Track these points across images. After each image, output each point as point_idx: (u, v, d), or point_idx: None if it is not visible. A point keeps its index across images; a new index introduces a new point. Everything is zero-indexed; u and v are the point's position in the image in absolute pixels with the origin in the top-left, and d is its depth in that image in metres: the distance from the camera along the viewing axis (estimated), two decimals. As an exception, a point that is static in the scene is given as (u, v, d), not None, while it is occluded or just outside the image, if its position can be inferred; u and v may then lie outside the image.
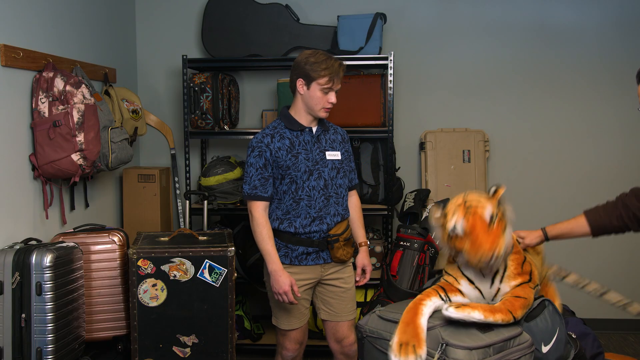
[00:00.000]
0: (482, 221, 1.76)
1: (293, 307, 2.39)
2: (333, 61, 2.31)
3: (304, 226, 2.36)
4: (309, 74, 2.30)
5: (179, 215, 3.76)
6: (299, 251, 2.38)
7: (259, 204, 2.34)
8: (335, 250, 2.39)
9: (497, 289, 1.90)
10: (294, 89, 2.37)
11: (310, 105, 2.34)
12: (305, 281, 2.41)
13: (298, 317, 2.44)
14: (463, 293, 1.91)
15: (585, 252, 3.75)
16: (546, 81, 3.71)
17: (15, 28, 2.41)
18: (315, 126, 2.42)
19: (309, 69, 2.29)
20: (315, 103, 2.33)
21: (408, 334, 1.73)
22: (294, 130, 2.37)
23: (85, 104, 2.52)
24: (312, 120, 2.40)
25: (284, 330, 2.44)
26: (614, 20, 3.65)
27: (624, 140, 3.72)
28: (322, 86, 2.30)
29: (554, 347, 1.85)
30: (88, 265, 2.50)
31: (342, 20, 3.47)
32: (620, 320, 3.79)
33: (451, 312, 1.72)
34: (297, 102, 2.39)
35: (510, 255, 1.90)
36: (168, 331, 2.42)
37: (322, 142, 2.42)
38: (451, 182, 3.60)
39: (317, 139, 2.40)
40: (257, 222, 2.33)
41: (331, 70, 2.29)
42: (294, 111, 2.40)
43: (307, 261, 2.39)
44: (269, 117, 3.66)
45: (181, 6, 3.78)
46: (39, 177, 2.54)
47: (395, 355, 1.71)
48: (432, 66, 3.73)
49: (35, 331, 2.16)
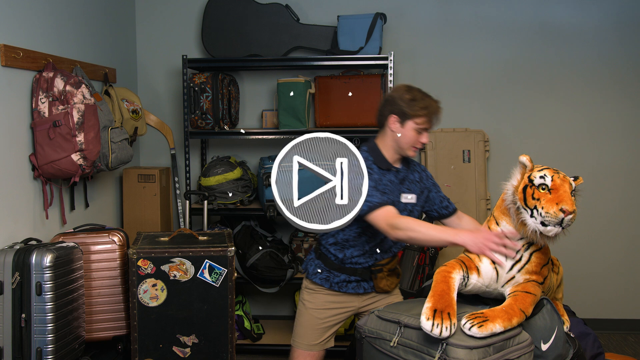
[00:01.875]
0: (569, 185, 1.82)
1: (319, 327, 2.32)
2: (431, 100, 2.20)
3: (353, 257, 2.28)
4: (406, 111, 2.17)
5: (179, 215, 3.76)
6: (340, 278, 2.30)
7: (390, 208, 2.12)
8: (379, 281, 2.30)
9: (512, 276, 1.91)
10: (384, 123, 2.25)
11: (401, 144, 2.22)
12: (343, 309, 2.33)
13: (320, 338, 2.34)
14: (480, 271, 1.90)
15: (585, 251, 3.75)
16: (546, 81, 3.71)
17: (15, 28, 2.41)
18: (399, 165, 2.30)
19: (405, 106, 2.17)
20: (406, 142, 2.21)
21: (443, 303, 1.73)
22: (381, 168, 2.24)
23: (85, 104, 2.52)
24: (397, 159, 2.29)
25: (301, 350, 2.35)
26: (614, 20, 3.65)
27: (624, 140, 3.72)
28: (418, 125, 2.18)
29: (553, 345, 1.85)
30: (88, 265, 2.50)
31: (342, 20, 3.47)
32: (620, 321, 3.80)
33: (475, 332, 1.71)
34: (385, 138, 2.26)
35: (536, 252, 1.91)
36: (168, 331, 2.42)
37: (404, 184, 2.30)
38: (451, 182, 3.60)
39: (400, 180, 2.29)
40: (406, 223, 2.05)
41: (430, 110, 2.18)
42: (381, 146, 2.27)
43: (347, 288, 2.30)
44: (269, 117, 3.67)
45: (181, 6, 3.78)
46: (39, 177, 2.54)
47: (428, 318, 1.69)
48: (432, 66, 3.73)
49: (35, 331, 2.16)
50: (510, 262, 1.91)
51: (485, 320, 1.74)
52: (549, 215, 1.76)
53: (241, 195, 3.40)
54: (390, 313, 1.94)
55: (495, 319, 1.74)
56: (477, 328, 1.71)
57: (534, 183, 1.82)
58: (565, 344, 1.93)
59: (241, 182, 3.42)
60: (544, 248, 1.94)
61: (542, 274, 1.93)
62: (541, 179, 1.81)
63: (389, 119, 2.22)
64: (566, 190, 1.79)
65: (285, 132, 3.37)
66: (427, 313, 1.71)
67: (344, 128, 3.45)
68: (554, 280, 2.13)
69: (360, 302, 2.35)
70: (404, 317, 1.87)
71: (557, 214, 1.75)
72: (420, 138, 2.22)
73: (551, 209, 1.76)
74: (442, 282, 1.81)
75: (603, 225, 3.74)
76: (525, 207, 1.82)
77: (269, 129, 3.57)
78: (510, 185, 1.90)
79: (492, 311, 1.79)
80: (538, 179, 1.81)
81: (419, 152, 3.72)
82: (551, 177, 1.81)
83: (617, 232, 3.76)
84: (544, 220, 1.78)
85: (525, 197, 1.82)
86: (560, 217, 1.75)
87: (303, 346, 2.35)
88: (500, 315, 1.77)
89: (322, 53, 3.60)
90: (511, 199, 1.88)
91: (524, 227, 1.85)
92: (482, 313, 1.77)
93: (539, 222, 1.79)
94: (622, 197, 3.74)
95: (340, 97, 3.47)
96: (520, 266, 1.91)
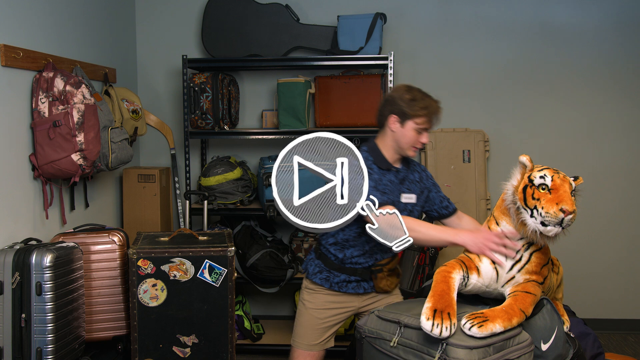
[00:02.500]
0: (569, 185, 1.83)
1: (319, 327, 2.32)
2: (431, 100, 2.21)
3: (353, 257, 2.28)
4: (406, 111, 2.17)
5: (179, 215, 3.76)
6: (340, 278, 2.30)
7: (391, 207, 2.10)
8: (379, 281, 2.30)
9: (512, 276, 1.91)
10: (384, 123, 2.25)
11: (401, 144, 2.23)
12: (343, 309, 2.33)
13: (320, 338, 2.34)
14: (480, 271, 1.90)
15: (585, 252, 3.75)
16: (546, 81, 3.71)
17: (15, 28, 2.41)
18: (399, 165, 2.31)
19: (405, 106, 2.17)
20: (406, 142, 2.21)
21: (443, 303, 1.73)
22: (381, 168, 2.25)
23: (85, 104, 2.52)
24: (397, 159, 2.29)
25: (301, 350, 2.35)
26: (614, 20, 3.65)
27: (624, 140, 3.72)
28: (418, 125, 2.19)
29: (553, 345, 1.85)
30: (88, 265, 2.50)
31: (342, 20, 3.47)
32: (620, 321, 3.80)
33: (475, 332, 1.71)
34: (385, 138, 2.26)
35: (536, 252, 1.91)
36: (168, 331, 2.42)
37: (404, 184, 2.30)
38: (451, 182, 3.60)
39: (400, 180, 2.29)
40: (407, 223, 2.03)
41: (430, 110, 2.18)
42: (381, 146, 2.28)
43: (347, 288, 2.30)
44: (269, 117, 3.67)
45: (181, 6, 3.78)
46: (39, 177, 2.54)
47: (428, 318, 1.69)
48: (432, 66, 3.73)
49: (35, 331, 2.16)
50: (510, 262, 1.91)
51: (485, 320, 1.74)
52: (549, 215, 1.76)
53: (241, 195, 3.40)
54: (390, 313, 1.94)
55: (495, 319, 1.74)
56: (477, 328, 1.71)
57: (534, 183, 1.82)
58: (565, 344, 1.93)
59: (241, 182, 3.42)
60: (544, 248, 1.94)
61: (542, 274, 1.93)
62: (541, 179, 1.81)
63: (389, 119, 2.23)
64: (566, 190, 1.79)
65: (285, 132, 3.37)
66: (427, 313, 1.71)
67: (344, 128, 3.45)
68: (554, 280, 2.14)
69: (360, 302, 2.35)
70: (404, 317, 1.88)
71: (557, 214, 1.76)
72: (420, 138, 2.22)
73: (551, 209, 1.76)
74: (442, 282, 1.81)
75: (603, 225, 3.74)
76: (525, 207, 1.82)
77: (269, 129, 3.57)
78: (510, 185, 1.90)
79: (492, 311, 1.79)
80: (538, 179, 1.82)
81: (418, 152, 3.72)
82: (551, 177, 1.81)
83: (617, 232, 3.76)
84: (544, 220, 1.78)
85: (525, 197, 1.82)
86: (560, 217, 1.76)
87: (303, 346, 2.35)
88: (500, 315, 1.77)
89: (322, 53, 3.60)
90: (511, 199, 1.88)
91: (524, 227, 1.85)
92: (482, 313, 1.77)
93: (539, 222, 1.79)
94: (622, 197, 3.74)
95: (340, 97, 3.47)
96: (520, 266, 1.91)
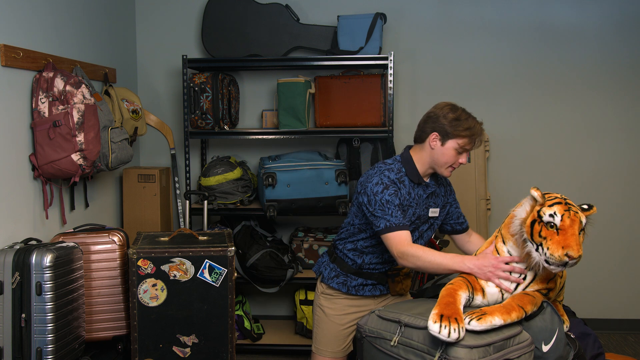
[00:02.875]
0: (579, 225, 1.76)
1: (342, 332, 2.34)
2: (475, 121, 2.15)
3: (371, 263, 2.30)
4: (448, 130, 2.12)
5: (179, 215, 3.76)
6: (357, 282, 2.32)
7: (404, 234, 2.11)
8: (395, 285, 2.32)
9: None
10: (424, 139, 2.20)
11: (439, 162, 2.18)
12: (362, 312, 2.32)
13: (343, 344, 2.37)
14: (485, 293, 1.90)
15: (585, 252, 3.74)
16: (546, 81, 3.71)
17: (15, 28, 2.41)
18: (429, 179, 2.28)
19: (448, 125, 2.12)
20: (445, 160, 2.17)
21: (449, 310, 1.72)
22: (412, 182, 2.22)
23: (85, 104, 2.52)
24: (429, 174, 2.26)
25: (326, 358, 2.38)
26: (614, 20, 3.65)
27: (624, 139, 3.72)
28: (459, 146, 2.13)
29: (554, 346, 1.85)
30: (88, 265, 2.50)
31: (342, 20, 3.47)
32: (620, 321, 3.80)
33: (474, 325, 1.71)
34: (422, 153, 2.21)
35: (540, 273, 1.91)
36: (168, 331, 2.42)
37: (431, 198, 2.28)
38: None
39: (428, 195, 2.27)
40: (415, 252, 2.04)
41: (473, 131, 2.12)
42: (416, 159, 2.23)
43: (364, 291, 2.33)
44: (269, 117, 3.66)
45: (181, 6, 3.78)
46: (39, 177, 2.54)
47: (435, 321, 1.68)
48: (432, 66, 3.73)
49: (35, 331, 2.15)
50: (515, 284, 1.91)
51: (483, 313, 1.74)
52: (553, 258, 1.73)
53: (241, 195, 3.40)
54: (390, 312, 1.94)
55: (493, 313, 1.75)
56: (476, 321, 1.72)
57: (543, 220, 1.77)
58: (566, 346, 1.93)
59: (241, 182, 3.42)
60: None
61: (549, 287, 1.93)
62: (550, 217, 1.75)
63: (430, 135, 2.18)
64: (575, 232, 1.74)
65: (285, 132, 3.37)
66: (434, 317, 1.70)
67: (343, 128, 3.45)
68: (558, 284, 2.13)
69: (376, 304, 2.36)
70: (404, 317, 1.88)
71: (561, 259, 1.72)
72: (459, 158, 2.17)
73: (556, 253, 1.72)
74: (449, 295, 1.81)
75: (603, 225, 3.73)
76: (532, 241, 1.79)
77: (269, 129, 3.57)
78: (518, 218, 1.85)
79: (490, 307, 1.80)
80: (547, 217, 1.76)
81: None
82: (561, 217, 1.75)
83: (617, 232, 3.76)
84: (547, 260, 1.75)
85: (532, 232, 1.78)
86: (564, 261, 1.72)
87: (328, 354, 2.37)
88: (498, 309, 1.78)
89: (322, 53, 3.60)
90: (518, 229, 1.85)
91: (528, 258, 1.83)
92: (480, 309, 1.79)
93: (543, 259, 1.77)
94: (622, 197, 3.74)
95: (340, 97, 3.47)
96: (524, 286, 1.91)
